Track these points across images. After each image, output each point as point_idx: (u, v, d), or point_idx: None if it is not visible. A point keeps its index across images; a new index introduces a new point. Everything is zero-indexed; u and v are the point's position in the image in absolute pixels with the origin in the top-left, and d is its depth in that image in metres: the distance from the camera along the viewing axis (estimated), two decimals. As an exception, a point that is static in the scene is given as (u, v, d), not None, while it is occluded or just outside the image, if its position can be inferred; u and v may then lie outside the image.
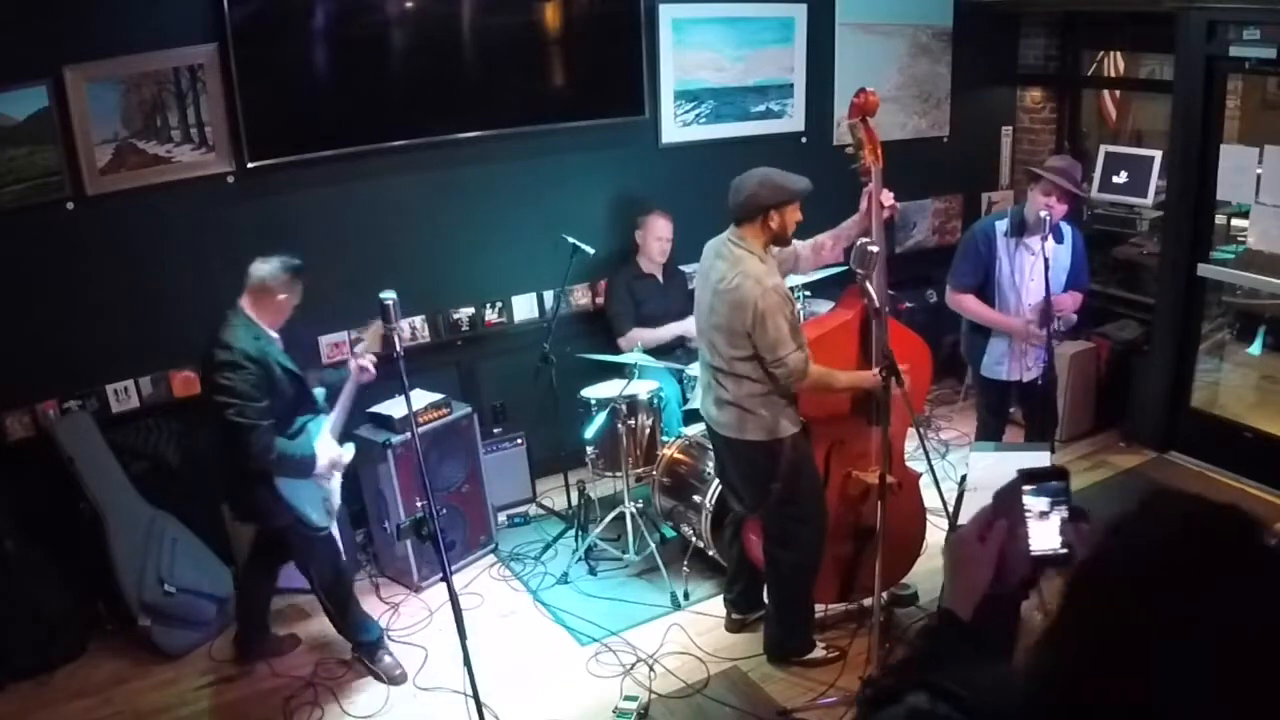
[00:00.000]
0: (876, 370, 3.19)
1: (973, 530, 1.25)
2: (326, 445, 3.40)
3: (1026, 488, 1.20)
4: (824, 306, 4.79)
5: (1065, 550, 1.15)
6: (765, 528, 3.42)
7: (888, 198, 3.36)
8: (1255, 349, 5.16)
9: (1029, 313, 3.81)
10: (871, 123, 3.39)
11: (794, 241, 3.41)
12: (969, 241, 3.99)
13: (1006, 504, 1.23)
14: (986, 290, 3.92)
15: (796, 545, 3.34)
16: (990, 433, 4.16)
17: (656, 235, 4.67)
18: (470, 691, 2.70)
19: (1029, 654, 1.00)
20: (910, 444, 3.95)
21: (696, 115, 4.98)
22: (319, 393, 3.52)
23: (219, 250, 4.06)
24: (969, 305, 3.94)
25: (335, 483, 3.49)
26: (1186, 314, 4.86)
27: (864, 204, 3.40)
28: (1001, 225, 3.88)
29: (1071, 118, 5.88)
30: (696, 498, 3.99)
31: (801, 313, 4.47)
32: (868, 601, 3.44)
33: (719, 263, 3.21)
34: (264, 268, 3.23)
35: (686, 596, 3.95)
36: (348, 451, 3.54)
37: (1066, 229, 3.91)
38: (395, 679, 3.57)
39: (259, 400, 3.10)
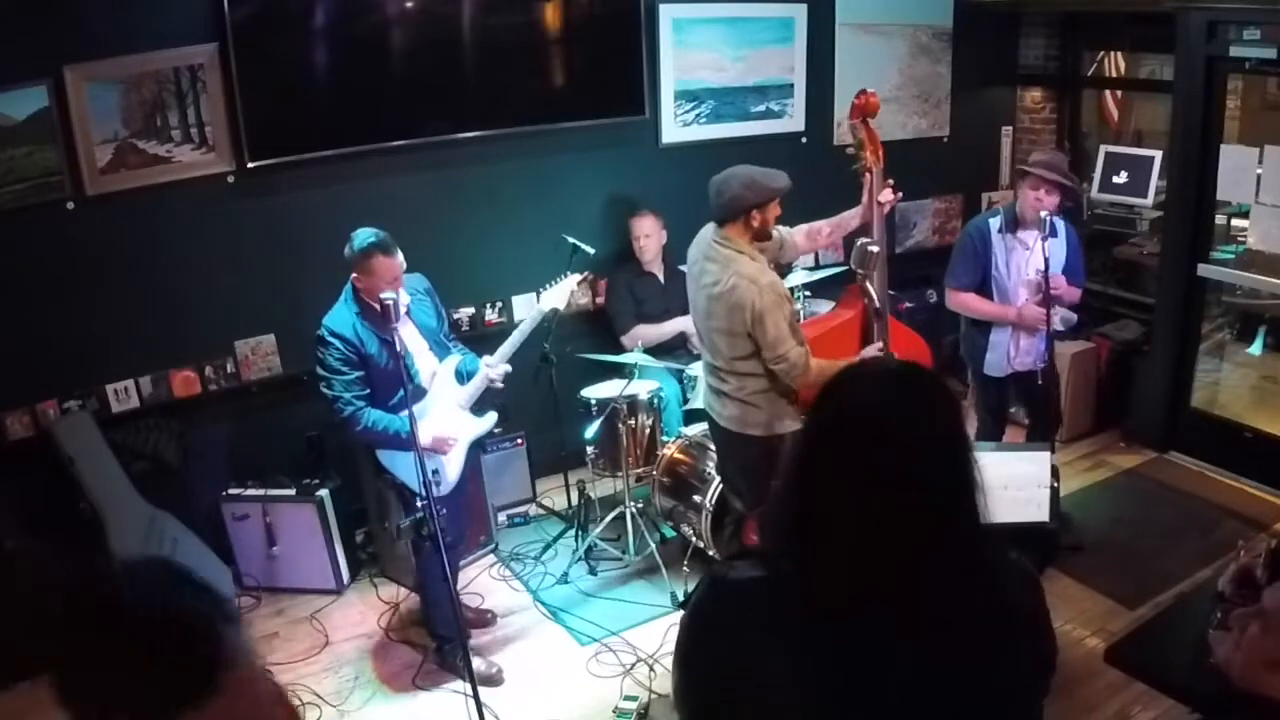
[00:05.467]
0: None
1: None
2: (439, 421, 3.36)
3: None
4: (824, 306, 4.80)
5: None
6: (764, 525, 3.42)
7: (888, 193, 3.37)
8: (1255, 349, 5.16)
9: (1025, 296, 3.85)
10: (872, 123, 3.40)
11: (782, 229, 3.39)
12: (964, 241, 4.02)
13: None
14: (985, 288, 3.95)
15: None
16: (989, 432, 4.17)
17: (636, 233, 4.68)
18: (470, 692, 2.70)
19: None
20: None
21: (696, 115, 4.98)
22: (455, 360, 3.47)
23: (219, 250, 4.07)
24: (970, 303, 3.97)
25: (451, 457, 3.41)
26: (1186, 314, 4.86)
27: (866, 196, 3.40)
28: (995, 222, 3.91)
29: (1072, 118, 5.88)
30: (696, 498, 3.99)
31: (801, 313, 4.48)
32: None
33: (709, 265, 3.20)
34: (348, 246, 3.20)
35: (687, 596, 3.95)
36: (486, 421, 3.56)
37: (1060, 224, 3.94)
38: (489, 680, 3.46)
39: (344, 373, 3.20)
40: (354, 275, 3.23)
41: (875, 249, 3.20)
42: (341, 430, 3.32)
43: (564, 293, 3.70)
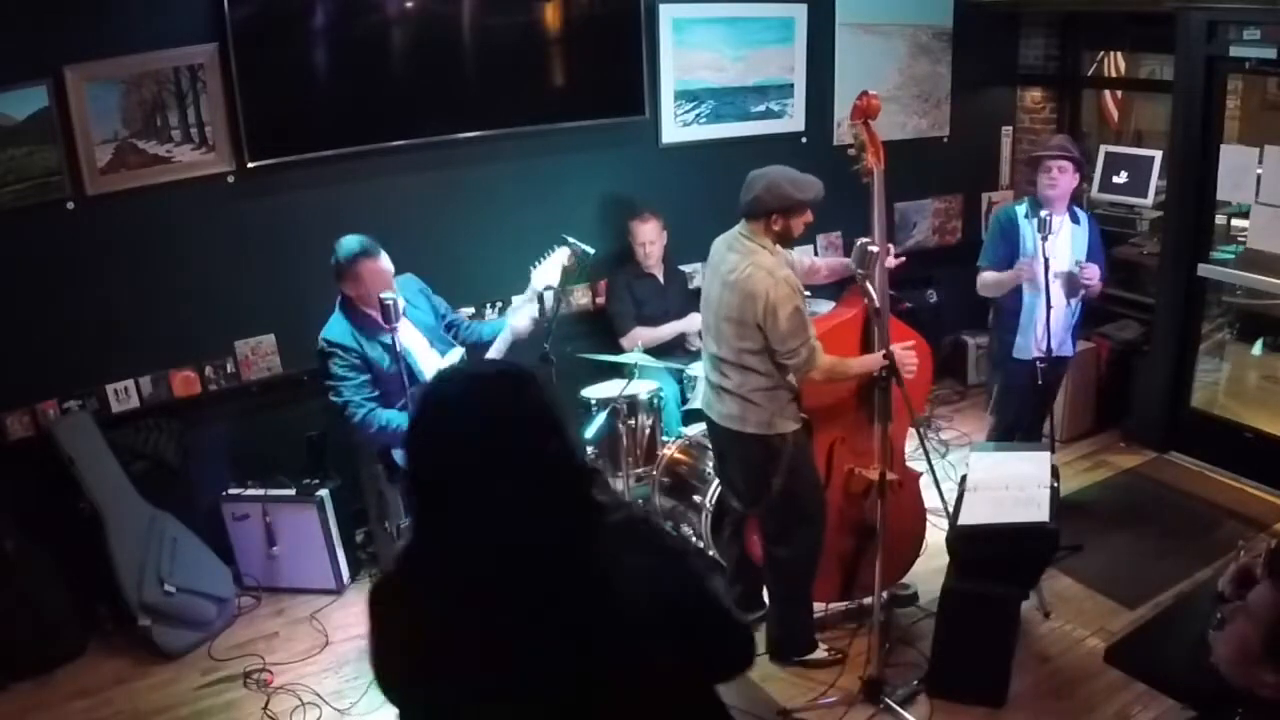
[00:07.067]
0: (881, 360, 3.20)
1: None
2: None
3: None
4: (824, 306, 4.79)
5: None
6: (764, 525, 3.42)
7: (891, 260, 3.40)
8: (1257, 350, 5.15)
9: (1054, 281, 3.90)
10: (873, 125, 3.40)
11: (792, 254, 3.41)
12: (994, 224, 4.19)
13: None
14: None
15: (795, 542, 3.34)
16: (1013, 421, 4.14)
17: (639, 240, 4.67)
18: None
19: None
20: (910, 444, 3.95)
21: (696, 115, 4.98)
22: (457, 354, 3.48)
23: (219, 250, 4.07)
24: (987, 277, 4.06)
25: None
26: (1186, 314, 4.86)
27: (875, 237, 3.42)
28: (1022, 209, 4.05)
29: (1071, 118, 5.87)
30: (696, 498, 3.99)
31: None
32: (868, 601, 3.46)
33: (730, 255, 3.22)
34: (333, 257, 3.25)
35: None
36: None
37: (1082, 214, 4.07)
38: None
39: (351, 378, 3.23)
40: (343, 285, 3.24)
41: (874, 249, 3.20)
42: (357, 435, 3.31)
43: (555, 267, 3.66)
